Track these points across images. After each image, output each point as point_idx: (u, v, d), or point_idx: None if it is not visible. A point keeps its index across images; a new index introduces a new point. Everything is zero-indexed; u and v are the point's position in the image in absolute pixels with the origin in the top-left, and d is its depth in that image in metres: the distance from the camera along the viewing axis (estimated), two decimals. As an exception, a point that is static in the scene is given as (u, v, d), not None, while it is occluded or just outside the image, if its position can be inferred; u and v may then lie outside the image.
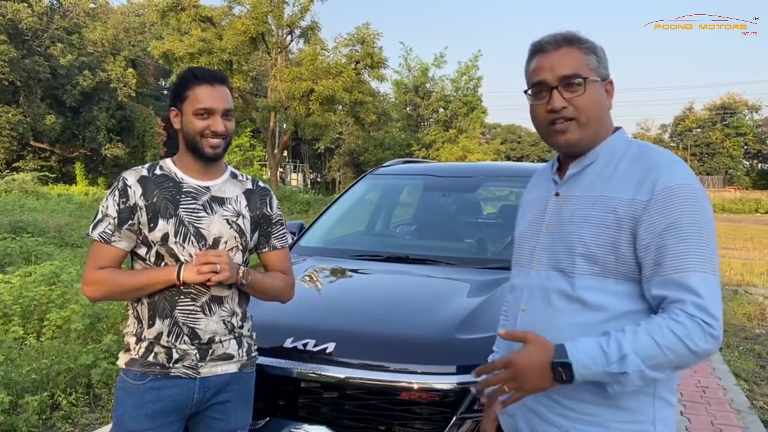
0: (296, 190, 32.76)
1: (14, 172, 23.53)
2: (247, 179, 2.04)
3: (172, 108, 1.90)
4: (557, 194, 1.54)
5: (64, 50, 28.51)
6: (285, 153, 34.66)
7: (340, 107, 27.16)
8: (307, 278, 3.17)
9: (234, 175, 2.01)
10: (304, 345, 2.32)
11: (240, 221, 1.93)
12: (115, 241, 1.84)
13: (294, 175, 42.25)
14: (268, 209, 2.03)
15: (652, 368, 1.28)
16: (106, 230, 1.83)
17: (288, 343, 2.34)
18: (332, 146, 43.29)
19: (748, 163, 58.23)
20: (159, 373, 1.85)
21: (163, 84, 41.20)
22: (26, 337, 4.79)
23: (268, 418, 2.33)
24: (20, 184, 19.62)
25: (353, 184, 4.58)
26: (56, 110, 29.19)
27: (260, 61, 34.01)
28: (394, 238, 4.39)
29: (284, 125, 29.82)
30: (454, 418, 2.19)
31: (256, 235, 2.01)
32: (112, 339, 4.44)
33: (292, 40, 28.59)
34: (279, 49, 27.57)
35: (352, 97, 25.06)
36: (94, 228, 1.85)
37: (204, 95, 1.83)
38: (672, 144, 56.69)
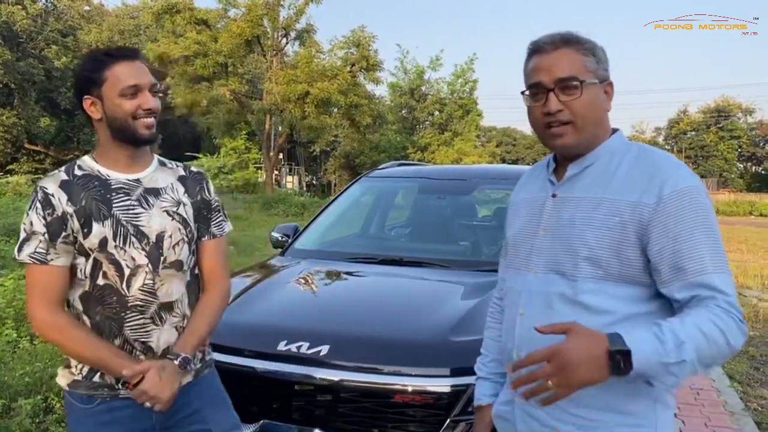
0: (292, 193, 32.70)
1: (8, 175, 23.47)
2: (178, 166, 1.87)
3: (86, 97, 1.66)
4: (554, 195, 1.51)
5: (58, 52, 28.47)
6: (280, 155, 34.63)
7: (336, 110, 27.19)
8: (302, 281, 3.17)
9: (162, 163, 1.84)
10: (298, 348, 2.32)
11: (181, 210, 1.77)
12: (52, 259, 1.62)
13: (289, 178, 42.15)
14: (207, 194, 1.87)
15: (699, 361, 1.21)
16: (39, 249, 1.61)
17: (282, 346, 2.34)
18: (328, 149, 43.24)
19: (742, 165, 58.46)
20: (108, 395, 1.69)
21: (157, 86, 41.03)
22: (20, 340, 4.76)
23: (262, 421, 2.32)
24: (14, 186, 19.58)
25: (348, 187, 4.58)
26: (51, 113, 29.13)
27: (255, 63, 33.95)
28: (389, 240, 4.39)
29: (280, 128, 29.80)
30: (448, 421, 2.19)
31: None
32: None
33: (287, 43, 28.60)
34: (274, 52, 27.57)
35: (348, 99, 25.10)
36: (20, 250, 1.62)
37: (126, 73, 1.64)
38: (666, 147, 56.80)
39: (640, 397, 1.38)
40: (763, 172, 57.30)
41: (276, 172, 32.98)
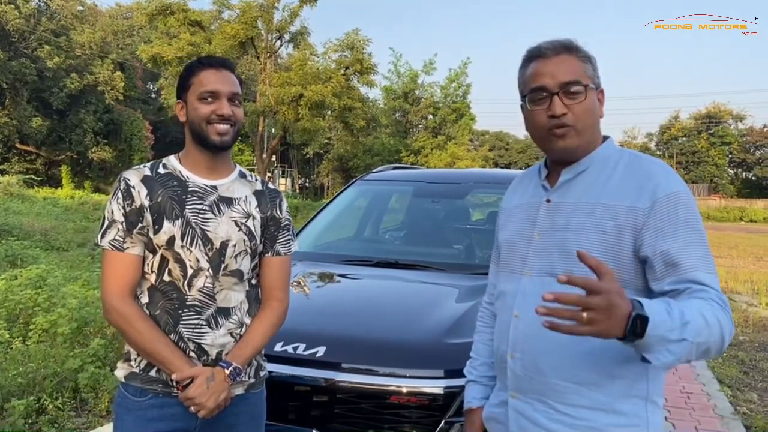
0: (285, 195, 32.66)
1: (-1, 175, 23.32)
2: (256, 180, 1.92)
3: (179, 101, 1.80)
4: (548, 201, 1.54)
5: (51, 52, 28.33)
6: (273, 158, 34.59)
7: (329, 112, 27.20)
8: (297, 283, 3.18)
9: (243, 175, 1.88)
10: (295, 349, 2.34)
11: (249, 223, 1.81)
12: (128, 247, 1.71)
13: (282, 180, 42.14)
14: (278, 212, 1.90)
15: (697, 346, 1.21)
16: (117, 237, 1.71)
17: (278, 348, 2.35)
18: (321, 151, 43.31)
19: (732, 171, 58.95)
20: (161, 391, 1.73)
21: (150, 87, 41.00)
22: (12, 340, 4.75)
23: (257, 422, 2.33)
24: (5, 186, 19.48)
25: (343, 190, 4.60)
26: (43, 113, 28.99)
27: (249, 65, 33.97)
28: (383, 243, 4.42)
29: (273, 130, 29.80)
30: (443, 422, 2.21)
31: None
32: (99, 343, 4.42)
33: (281, 45, 28.66)
34: (268, 54, 27.57)
35: (342, 102, 25.11)
36: (102, 236, 1.72)
37: (208, 79, 1.73)
38: (658, 152, 57.23)
39: (631, 397, 1.40)
40: (753, 178, 57.76)
41: (269, 175, 32.94)
